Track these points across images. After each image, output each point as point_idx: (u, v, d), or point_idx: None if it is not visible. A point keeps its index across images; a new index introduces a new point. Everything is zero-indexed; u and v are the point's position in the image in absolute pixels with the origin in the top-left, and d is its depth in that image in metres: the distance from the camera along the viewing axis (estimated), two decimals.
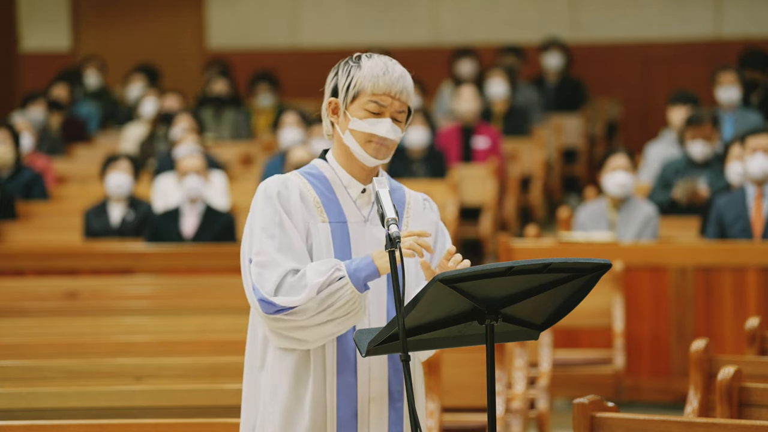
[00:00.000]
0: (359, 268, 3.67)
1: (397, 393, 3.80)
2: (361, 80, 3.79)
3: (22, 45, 16.73)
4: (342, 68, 3.85)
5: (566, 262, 3.47)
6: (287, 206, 3.77)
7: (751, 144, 8.35)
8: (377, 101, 3.78)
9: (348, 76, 3.82)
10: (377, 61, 3.83)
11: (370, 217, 3.84)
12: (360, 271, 3.67)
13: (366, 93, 3.79)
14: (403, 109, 3.82)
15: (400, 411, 3.80)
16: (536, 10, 15.75)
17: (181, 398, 5.23)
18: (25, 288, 7.97)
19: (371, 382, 3.76)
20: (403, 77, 3.82)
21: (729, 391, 4.75)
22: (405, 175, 10.94)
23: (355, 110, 3.80)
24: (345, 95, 3.81)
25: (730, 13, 15.31)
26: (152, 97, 13.03)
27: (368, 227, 3.83)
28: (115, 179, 9.46)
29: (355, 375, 3.76)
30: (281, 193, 3.78)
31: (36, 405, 5.25)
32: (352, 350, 3.75)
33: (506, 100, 12.77)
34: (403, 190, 3.97)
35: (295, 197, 3.79)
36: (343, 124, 3.83)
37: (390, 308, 3.80)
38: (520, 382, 6.76)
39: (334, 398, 3.74)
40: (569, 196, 13.65)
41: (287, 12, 16.20)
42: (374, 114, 3.79)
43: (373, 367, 3.76)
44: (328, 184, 3.85)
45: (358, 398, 3.75)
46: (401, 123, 3.83)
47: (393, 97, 3.79)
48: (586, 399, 4.30)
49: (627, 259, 8.28)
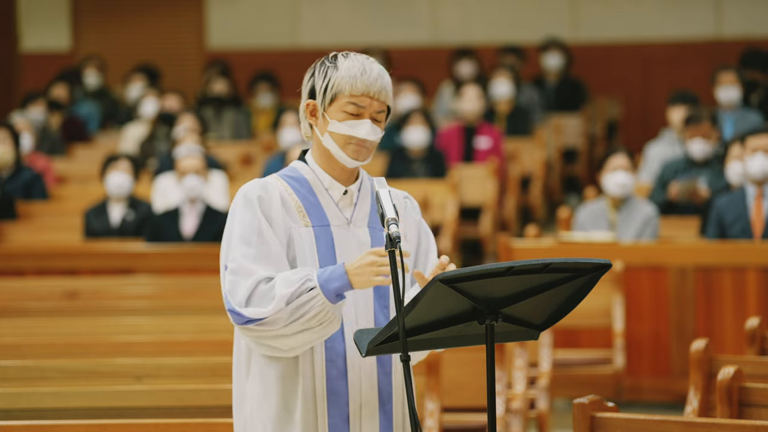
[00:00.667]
0: (331, 279, 3.62)
1: (387, 395, 3.77)
2: (339, 82, 3.75)
3: (22, 45, 16.73)
4: (318, 69, 3.80)
5: (566, 262, 3.47)
6: (268, 212, 3.73)
7: (751, 144, 8.35)
8: (356, 103, 3.74)
9: (325, 77, 3.77)
10: (354, 62, 3.78)
11: (353, 219, 3.80)
12: (331, 282, 3.61)
13: (344, 95, 3.75)
14: (382, 109, 3.78)
15: (389, 413, 3.77)
16: (536, 10, 15.75)
17: (181, 398, 5.23)
18: (25, 288, 7.97)
19: (362, 386, 3.74)
20: (381, 77, 3.77)
21: (729, 391, 4.75)
22: (405, 175, 10.94)
23: (333, 112, 3.76)
24: (323, 97, 3.77)
25: (730, 13, 15.31)
26: (152, 97, 13.03)
27: (352, 229, 3.80)
28: (115, 179, 9.46)
29: (346, 380, 3.73)
30: (262, 198, 3.74)
31: (36, 405, 5.25)
32: (340, 356, 3.72)
33: (510, 100, 12.78)
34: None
35: (276, 202, 3.75)
36: (321, 126, 3.79)
37: (377, 311, 3.76)
38: (520, 382, 6.75)
39: (325, 405, 3.71)
40: (569, 196, 13.65)
41: (287, 12, 16.20)
42: (353, 115, 3.75)
43: (363, 371, 3.73)
44: (309, 187, 3.80)
45: (350, 404, 3.73)
46: (381, 123, 3.79)
47: (372, 98, 3.75)
48: (586, 399, 4.30)
49: (627, 259, 8.28)
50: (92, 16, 16.76)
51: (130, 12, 16.71)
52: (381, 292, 3.79)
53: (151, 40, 16.64)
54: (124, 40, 16.65)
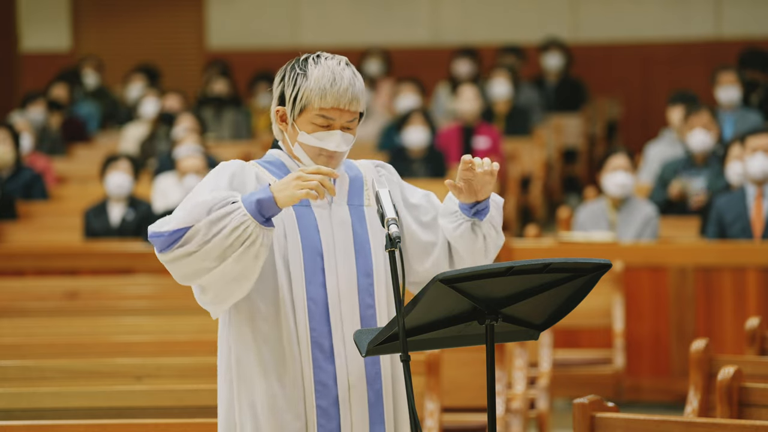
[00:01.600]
0: (254, 193, 3.53)
1: (374, 374, 3.74)
2: (308, 94, 3.66)
3: (22, 45, 16.73)
4: (288, 75, 3.71)
5: (566, 262, 3.47)
6: (241, 188, 3.64)
7: (751, 144, 8.36)
8: (325, 116, 3.67)
9: (294, 86, 3.68)
10: (325, 70, 3.67)
11: (333, 198, 3.74)
12: (253, 196, 3.52)
13: (313, 107, 3.67)
14: (353, 118, 3.71)
15: (379, 392, 3.75)
16: (536, 10, 15.75)
17: (181, 398, 5.23)
18: (25, 288, 7.97)
19: (348, 370, 3.71)
20: (351, 86, 3.67)
21: (729, 391, 4.75)
22: (405, 175, 10.90)
23: (303, 124, 3.69)
24: (292, 108, 3.69)
25: (730, 13, 15.31)
26: (152, 97, 13.03)
27: (333, 208, 3.75)
28: (115, 179, 9.46)
29: (333, 364, 3.69)
30: (236, 174, 3.67)
31: (36, 405, 5.25)
32: (326, 337, 3.68)
33: (508, 101, 12.77)
34: (357, 169, 3.86)
35: (251, 183, 3.67)
36: (291, 135, 3.73)
37: (364, 314, 3.73)
38: (520, 382, 6.76)
39: (312, 390, 3.68)
40: (569, 196, 13.65)
41: (287, 12, 16.20)
42: (323, 127, 3.69)
43: (348, 355, 3.70)
44: (286, 170, 3.74)
45: (338, 387, 3.71)
46: (352, 129, 3.72)
47: (342, 110, 3.68)
48: (586, 399, 4.30)
49: (627, 259, 8.28)
50: (92, 16, 16.76)
51: (130, 12, 16.71)
52: (364, 286, 3.75)
53: (151, 40, 16.64)
54: (124, 40, 16.66)
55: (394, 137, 11.79)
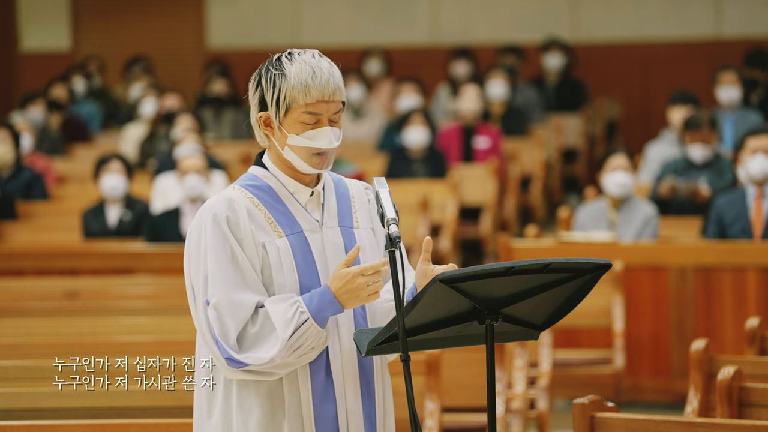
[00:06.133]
0: (321, 307, 3.58)
1: (368, 368, 3.73)
2: (291, 92, 3.62)
3: (22, 45, 16.73)
4: (265, 78, 3.68)
5: (566, 262, 3.47)
6: (237, 232, 3.62)
7: (751, 144, 8.36)
8: (312, 111, 3.63)
9: (275, 88, 3.64)
10: (302, 65, 3.64)
11: (323, 220, 3.73)
12: (323, 311, 3.58)
13: (299, 105, 3.62)
14: (338, 109, 3.67)
15: (372, 388, 3.73)
16: (536, 10, 15.75)
17: (180, 398, 5.22)
18: (25, 288, 7.97)
19: (342, 358, 3.70)
20: (331, 75, 3.64)
21: (729, 391, 4.75)
22: (405, 175, 10.94)
23: (290, 125, 3.64)
24: (276, 110, 3.64)
25: (730, 13, 15.31)
26: (152, 97, 13.03)
27: (324, 231, 3.72)
28: (109, 181, 9.45)
29: (326, 351, 3.68)
30: (230, 219, 3.62)
31: (36, 405, 5.25)
32: (324, 359, 3.68)
33: (504, 102, 12.75)
34: (344, 183, 3.84)
35: (245, 220, 3.64)
36: (280, 138, 3.67)
37: (358, 319, 3.72)
38: (520, 382, 6.76)
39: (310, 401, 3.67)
40: (569, 196, 13.65)
41: (287, 12, 16.20)
42: (311, 125, 3.65)
43: (342, 342, 3.69)
44: (275, 195, 3.70)
45: (336, 398, 3.68)
46: (337, 122, 3.68)
47: (327, 102, 3.64)
48: (586, 399, 4.30)
49: (627, 259, 8.28)
50: (92, 16, 16.76)
51: (129, 12, 16.71)
52: None
53: (151, 40, 16.64)
54: (124, 40, 16.66)
55: (394, 137, 11.79)
